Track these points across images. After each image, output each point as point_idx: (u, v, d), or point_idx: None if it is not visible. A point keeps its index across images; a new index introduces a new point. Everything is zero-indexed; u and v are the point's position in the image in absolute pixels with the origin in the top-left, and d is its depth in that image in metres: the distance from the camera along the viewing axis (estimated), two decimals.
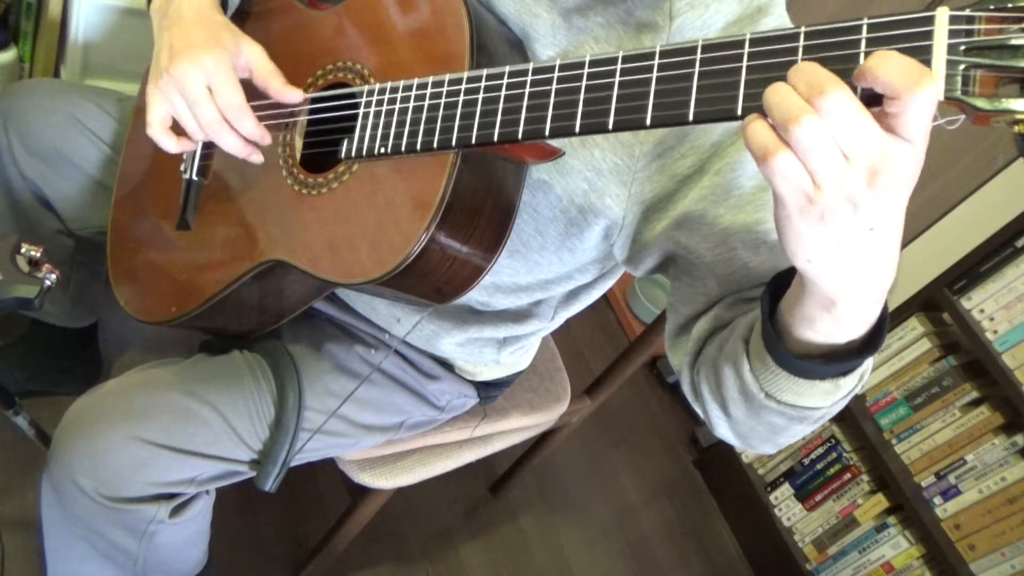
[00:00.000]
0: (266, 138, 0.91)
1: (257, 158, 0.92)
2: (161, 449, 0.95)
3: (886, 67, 0.49)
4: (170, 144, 0.92)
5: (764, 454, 0.82)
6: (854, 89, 0.52)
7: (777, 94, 0.53)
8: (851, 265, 0.58)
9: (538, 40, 0.88)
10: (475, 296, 1.05)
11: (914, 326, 2.03)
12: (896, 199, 0.54)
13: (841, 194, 0.53)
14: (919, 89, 0.49)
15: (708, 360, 0.83)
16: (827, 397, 0.71)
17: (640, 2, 0.82)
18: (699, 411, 0.87)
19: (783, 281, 0.69)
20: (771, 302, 0.70)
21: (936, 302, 1.98)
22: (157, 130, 0.91)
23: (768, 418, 0.76)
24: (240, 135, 0.89)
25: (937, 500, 2.00)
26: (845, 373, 0.69)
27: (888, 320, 0.67)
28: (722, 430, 0.85)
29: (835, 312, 0.62)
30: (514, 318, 1.11)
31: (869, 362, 0.71)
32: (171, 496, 0.99)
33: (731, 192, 0.82)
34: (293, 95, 0.90)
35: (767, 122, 0.54)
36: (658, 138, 0.83)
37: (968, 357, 2.01)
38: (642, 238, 0.89)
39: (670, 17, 0.82)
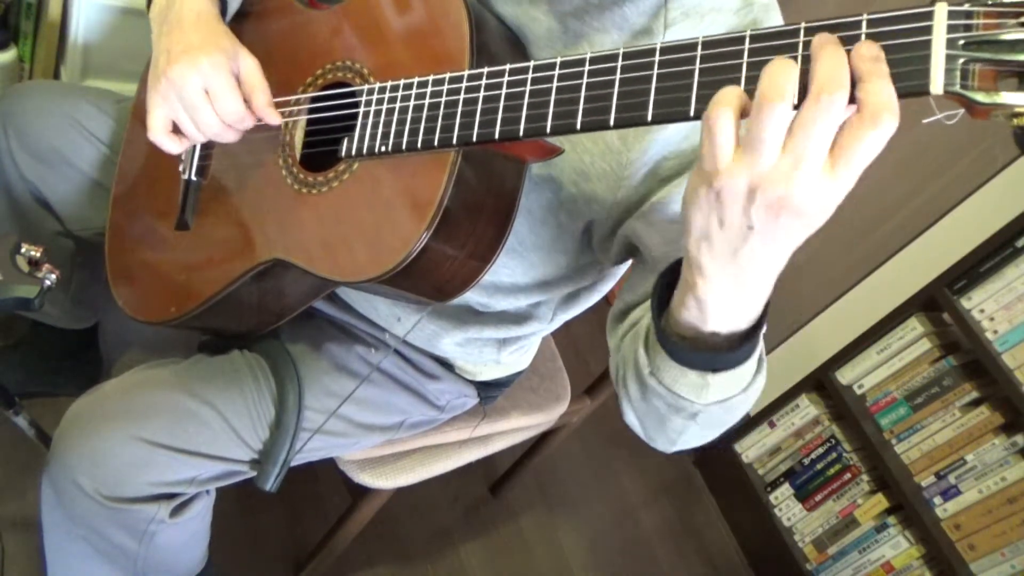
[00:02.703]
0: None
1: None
2: (161, 449, 0.95)
3: (876, 87, 0.51)
4: (173, 146, 0.92)
5: (663, 451, 0.83)
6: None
7: (777, 69, 0.53)
8: (722, 249, 0.61)
9: (535, 43, 0.88)
10: (475, 297, 1.05)
11: (914, 326, 2.03)
12: (787, 227, 0.57)
13: (746, 181, 0.56)
14: (884, 122, 0.52)
15: (624, 342, 0.85)
16: (698, 392, 0.72)
17: (636, 9, 0.83)
18: (618, 395, 0.87)
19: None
20: (670, 288, 0.71)
21: (936, 302, 1.98)
22: (159, 134, 0.91)
23: (653, 402, 0.77)
24: (239, 134, 0.89)
25: (937, 500, 2.00)
26: (715, 370, 0.70)
27: (763, 330, 0.69)
28: (629, 416, 0.85)
29: (697, 292, 0.64)
30: (514, 319, 1.11)
31: (749, 378, 0.73)
32: (171, 496, 0.99)
33: None
34: (273, 116, 0.91)
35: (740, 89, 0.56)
36: (644, 147, 0.84)
37: (968, 357, 2.01)
38: (615, 230, 0.90)
39: (664, 25, 0.82)
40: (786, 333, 2.56)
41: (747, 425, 2.38)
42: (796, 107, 0.53)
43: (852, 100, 0.52)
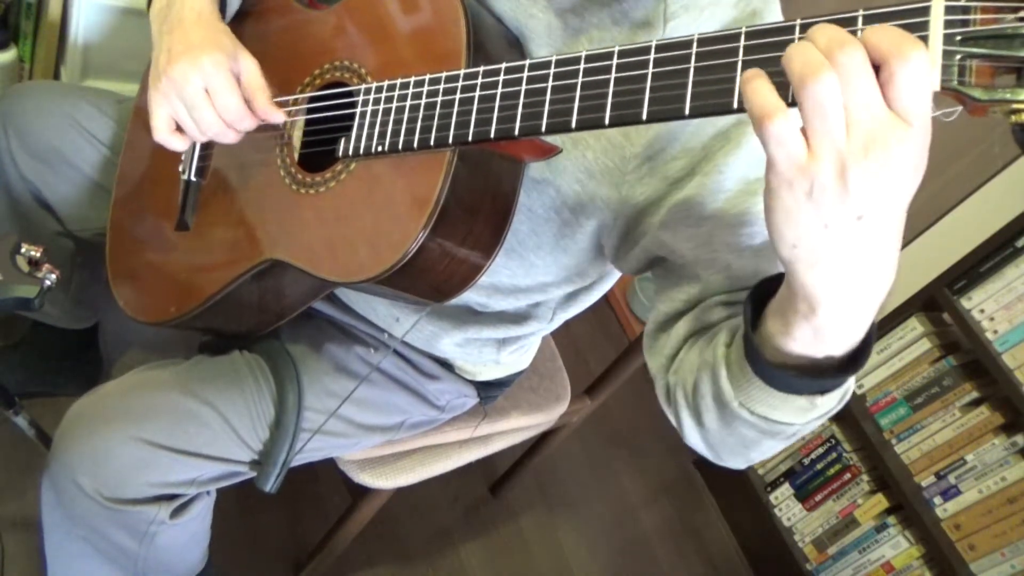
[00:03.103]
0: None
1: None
2: (161, 450, 0.95)
3: (878, 33, 0.49)
4: (178, 144, 0.92)
5: (735, 468, 0.78)
6: None
7: (800, 49, 0.51)
8: (837, 258, 0.56)
9: (533, 40, 0.88)
10: (474, 297, 1.05)
11: (914, 326, 2.03)
12: (889, 187, 0.52)
13: (834, 167, 0.52)
14: (910, 51, 0.48)
15: (686, 364, 0.81)
16: (802, 414, 0.69)
17: (635, 3, 0.83)
18: (671, 417, 0.84)
19: (770, 288, 0.67)
20: (755, 308, 0.68)
21: (936, 302, 1.98)
22: (163, 134, 0.91)
23: (740, 430, 0.73)
24: (239, 133, 0.89)
25: (937, 500, 1.99)
26: (823, 391, 0.66)
27: (873, 341, 0.63)
28: (694, 439, 0.82)
29: (814, 320, 0.60)
30: (513, 319, 1.11)
31: (851, 382, 0.68)
32: (172, 497, 0.99)
33: (717, 194, 0.81)
34: (275, 115, 0.91)
35: (768, 82, 0.53)
36: (648, 140, 0.83)
37: (968, 357, 2.01)
38: (631, 238, 0.89)
39: (664, 19, 0.82)
40: None
41: None
42: None
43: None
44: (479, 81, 0.73)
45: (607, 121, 0.65)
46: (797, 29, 0.55)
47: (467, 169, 0.79)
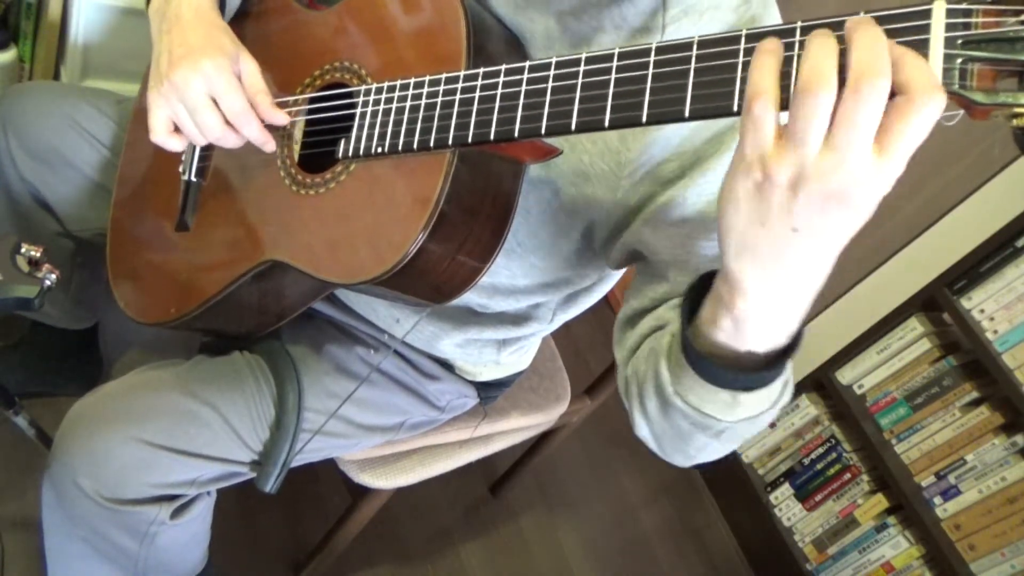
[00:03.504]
0: (269, 144, 0.91)
1: (271, 146, 0.92)
2: (162, 450, 0.95)
3: (913, 67, 0.49)
4: (175, 145, 0.92)
5: (679, 465, 0.80)
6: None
7: (821, 51, 0.51)
8: (764, 256, 0.58)
9: (532, 43, 0.88)
10: (474, 298, 1.05)
11: (914, 326, 2.03)
12: (834, 221, 0.54)
13: (791, 175, 0.53)
14: (931, 99, 0.48)
15: (640, 356, 0.83)
16: (727, 410, 0.69)
17: (634, 8, 0.82)
18: (627, 408, 0.85)
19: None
20: (698, 300, 0.68)
21: (936, 302, 1.98)
22: (161, 136, 0.91)
23: (676, 420, 0.74)
24: (241, 137, 0.89)
25: (937, 500, 2.00)
26: (747, 388, 0.67)
27: (797, 348, 0.65)
28: (643, 431, 0.83)
29: (735, 310, 0.61)
30: (513, 320, 1.11)
31: (779, 391, 0.70)
32: (172, 497, 0.99)
33: (701, 196, 0.82)
34: (280, 117, 0.90)
35: (777, 63, 0.53)
36: (644, 145, 0.83)
37: (968, 357, 2.01)
38: (618, 232, 0.89)
39: (663, 24, 0.82)
40: None
41: None
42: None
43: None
44: (479, 83, 0.73)
45: (607, 123, 0.65)
46: (798, 32, 0.55)
47: (467, 170, 0.78)
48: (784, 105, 0.53)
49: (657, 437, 0.82)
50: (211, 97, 0.87)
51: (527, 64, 0.70)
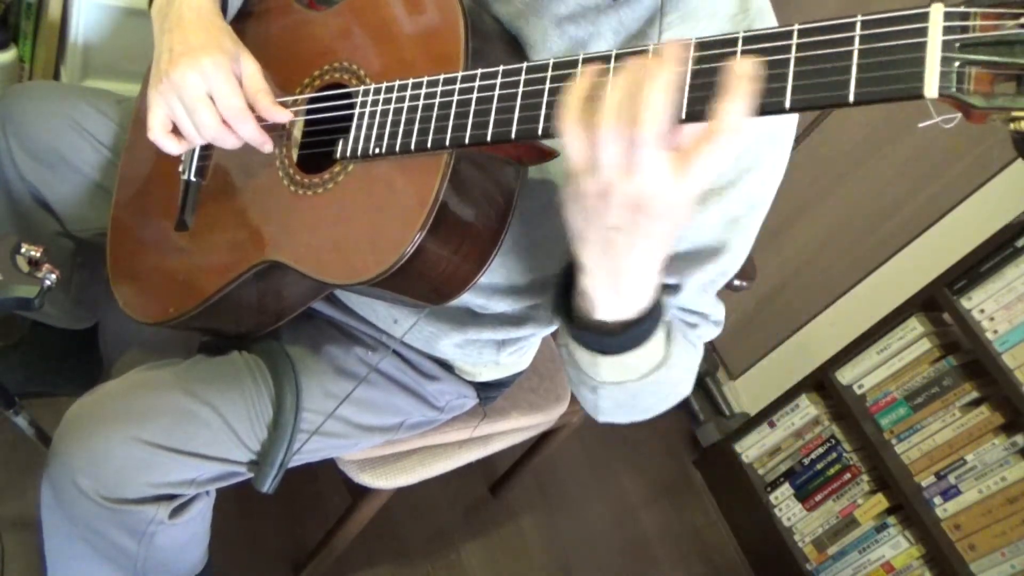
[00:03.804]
0: (267, 144, 0.91)
1: (269, 147, 0.92)
2: (161, 450, 0.95)
3: (728, 105, 0.56)
4: (172, 147, 0.92)
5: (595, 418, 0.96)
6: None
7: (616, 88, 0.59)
8: (590, 242, 0.67)
9: (530, 46, 0.88)
10: (473, 299, 1.05)
11: (914, 326, 2.04)
12: (644, 225, 0.62)
13: (594, 187, 0.61)
14: (727, 134, 0.56)
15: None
16: (591, 369, 0.81)
17: (631, 13, 0.83)
18: None
19: None
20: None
21: (936, 302, 1.98)
22: (158, 134, 0.91)
23: (569, 370, 0.87)
24: (238, 138, 0.89)
25: (937, 500, 2.00)
26: (602, 351, 0.78)
27: (644, 331, 0.76)
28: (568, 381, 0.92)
29: (582, 281, 0.72)
30: (512, 320, 1.11)
31: (645, 370, 0.81)
32: (171, 497, 0.99)
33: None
34: (281, 115, 0.90)
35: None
36: None
37: (968, 357, 2.01)
38: None
39: (660, 31, 0.82)
40: (786, 333, 2.57)
41: (747, 425, 2.38)
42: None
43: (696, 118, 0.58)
44: (476, 84, 0.73)
45: (683, 115, 0.64)
46: (795, 35, 0.55)
47: (465, 172, 0.79)
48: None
49: (572, 385, 0.91)
50: (209, 96, 0.87)
51: (525, 65, 0.70)
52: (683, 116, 0.60)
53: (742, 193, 0.85)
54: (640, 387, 0.83)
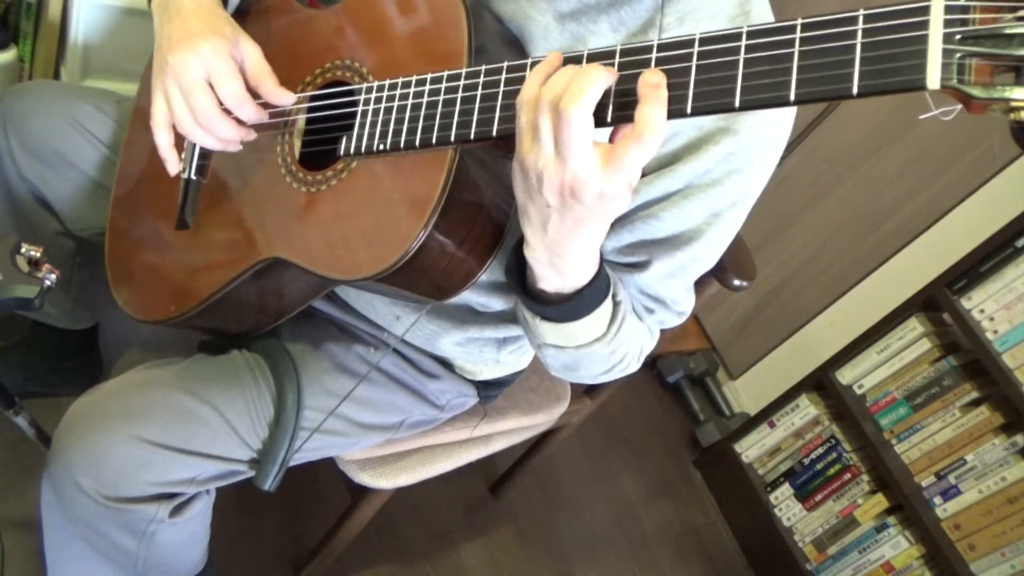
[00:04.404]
0: (264, 117, 0.91)
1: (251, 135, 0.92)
2: (161, 449, 0.95)
3: (642, 105, 0.62)
4: (163, 138, 0.91)
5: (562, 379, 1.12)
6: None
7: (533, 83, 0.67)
8: (534, 221, 0.74)
9: (532, 44, 0.88)
10: (474, 297, 1.05)
11: (914, 326, 2.04)
12: (575, 209, 0.69)
13: (534, 166, 0.68)
14: (648, 137, 0.63)
15: None
16: (535, 329, 0.89)
17: (632, 12, 0.83)
18: None
19: None
20: None
21: (936, 302, 1.98)
22: (159, 123, 0.91)
23: (524, 327, 0.93)
24: (234, 125, 0.89)
25: (937, 500, 2.00)
26: (543, 317, 0.86)
27: (577, 305, 0.83)
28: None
29: (526, 252, 0.78)
30: (513, 319, 1.11)
31: (577, 339, 0.87)
32: (171, 496, 0.98)
33: (666, 190, 0.87)
34: (286, 97, 0.90)
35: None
36: None
37: (968, 357, 2.01)
38: None
39: (660, 30, 0.83)
40: (786, 333, 2.57)
41: (747, 425, 2.38)
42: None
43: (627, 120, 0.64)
44: (481, 80, 0.73)
45: (609, 118, 0.65)
46: (798, 29, 0.55)
47: (470, 168, 0.79)
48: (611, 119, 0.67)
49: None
50: (208, 82, 0.87)
51: (529, 61, 0.70)
52: (609, 120, 0.66)
53: (727, 191, 0.87)
54: (579, 354, 0.90)
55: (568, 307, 0.83)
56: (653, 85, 0.62)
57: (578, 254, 0.76)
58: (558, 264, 0.78)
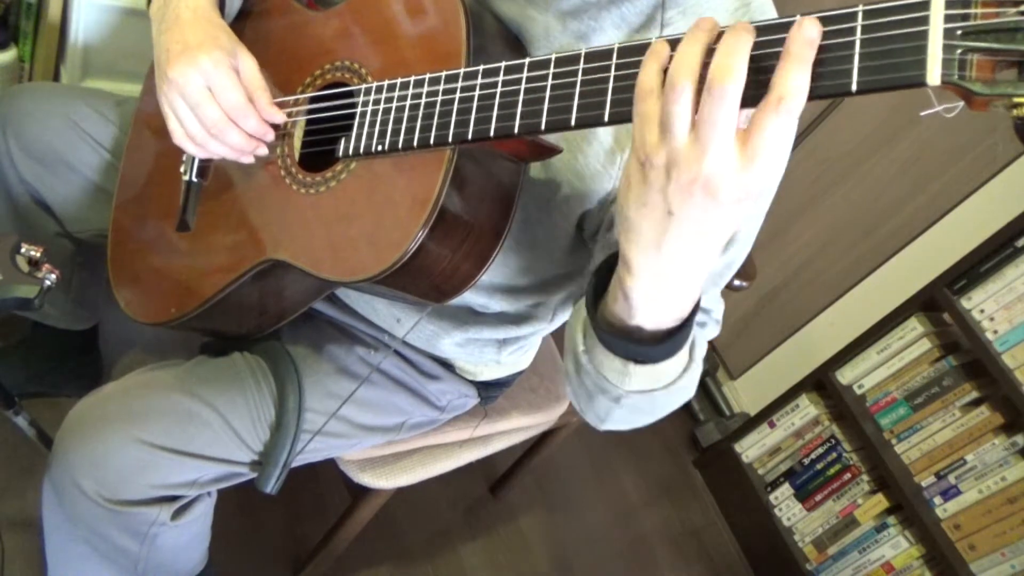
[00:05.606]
0: (269, 134, 0.91)
1: (262, 150, 0.92)
2: (162, 451, 0.95)
3: (780, 70, 0.55)
4: (196, 149, 0.92)
5: (594, 426, 0.90)
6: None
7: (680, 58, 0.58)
8: (645, 236, 0.65)
9: (533, 43, 0.88)
10: (474, 298, 1.05)
11: (914, 326, 2.04)
12: (702, 209, 0.60)
13: (664, 157, 0.60)
14: (793, 101, 0.54)
15: (570, 319, 0.86)
16: (621, 378, 0.75)
17: (633, 9, 0.83)
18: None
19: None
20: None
21: (936, 302, 1.98)
22: (180, 138, 0.91)
23: (584, 380, 0.80)
24: (243, 132, 0.89)
25: (937, 500, 2.00)
26: (637, 360, 0.74)
27: (683, 338, 0.73)
28: (567, 388, 0.88)
29: (625, 284, 0.68)
30: (513, 319, 1.11)
31: (674, 375, 0.77)
32: (173, 498, 0.98)
33: None
34: (277, 115, 0.91)
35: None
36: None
37: (968, 357, 2.01)
38: (603, 213, 0.90)
39: (661, 26, 0.82)
40: (786, 333, 2.57)
41: (747, 425, 2.38)
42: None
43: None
44: (479, 80, 0.73)
45: (606, 118, 0.65)
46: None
47: (468, 168, 0.79)
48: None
49: (574, 394, 0.86)
50: (210, 91, 0.87)
51: (527, 61, 0.70)
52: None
53: None
54: (664, 394, 0.78)
55: (668, 344, 0.73)
56: (804, 42, 0.54)
57: (690, 276, 0.67)
58: (666, 291, 0.68)
